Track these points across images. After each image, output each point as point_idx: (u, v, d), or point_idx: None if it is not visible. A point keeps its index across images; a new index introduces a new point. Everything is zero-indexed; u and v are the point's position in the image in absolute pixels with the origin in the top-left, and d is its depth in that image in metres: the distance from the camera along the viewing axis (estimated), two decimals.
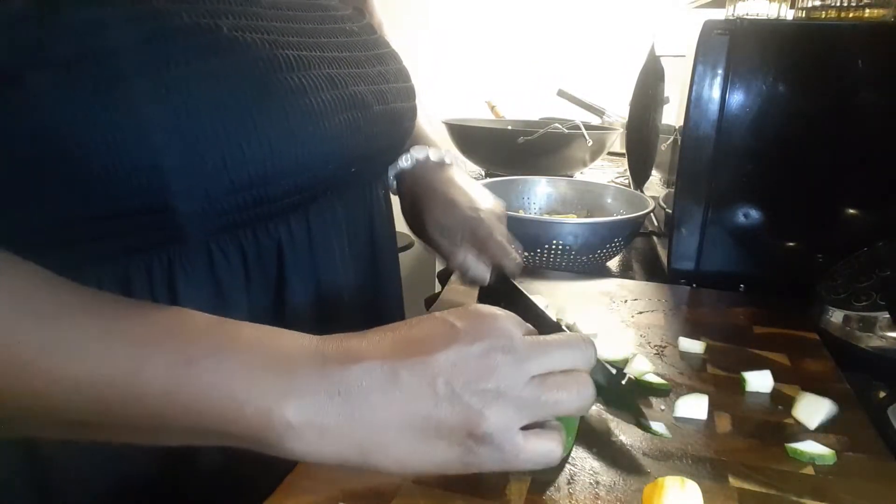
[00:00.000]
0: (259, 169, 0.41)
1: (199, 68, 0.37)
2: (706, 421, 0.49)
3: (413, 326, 0.37)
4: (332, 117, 0.45)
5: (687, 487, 0.39)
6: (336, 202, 0.53)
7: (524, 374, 0.35)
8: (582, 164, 1.41)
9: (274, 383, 0.34)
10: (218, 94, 0.38)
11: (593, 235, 0.82)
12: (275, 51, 0.42)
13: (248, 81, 0.40)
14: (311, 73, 0.44)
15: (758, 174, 0.75)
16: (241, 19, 0.42)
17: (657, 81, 0.98)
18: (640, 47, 1.06)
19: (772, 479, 0.42)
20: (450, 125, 1.42)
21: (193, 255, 0.43)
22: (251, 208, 0.43)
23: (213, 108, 0.38)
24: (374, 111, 0.51)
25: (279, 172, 0.42)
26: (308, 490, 0.40)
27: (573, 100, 1.59)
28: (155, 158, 0.36)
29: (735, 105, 0.72)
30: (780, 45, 0.71)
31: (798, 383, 0.55)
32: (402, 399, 0.34)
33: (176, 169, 0.37)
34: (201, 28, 0.38)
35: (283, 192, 0.44)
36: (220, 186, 0.40)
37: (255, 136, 0.40)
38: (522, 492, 0.40)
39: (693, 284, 0.80)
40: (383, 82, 0.54)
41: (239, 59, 0.40)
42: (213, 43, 0.39)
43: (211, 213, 0.40)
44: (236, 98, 0.39)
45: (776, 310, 0.70)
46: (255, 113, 0.40)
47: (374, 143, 0.53)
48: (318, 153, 0.45)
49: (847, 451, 0.46)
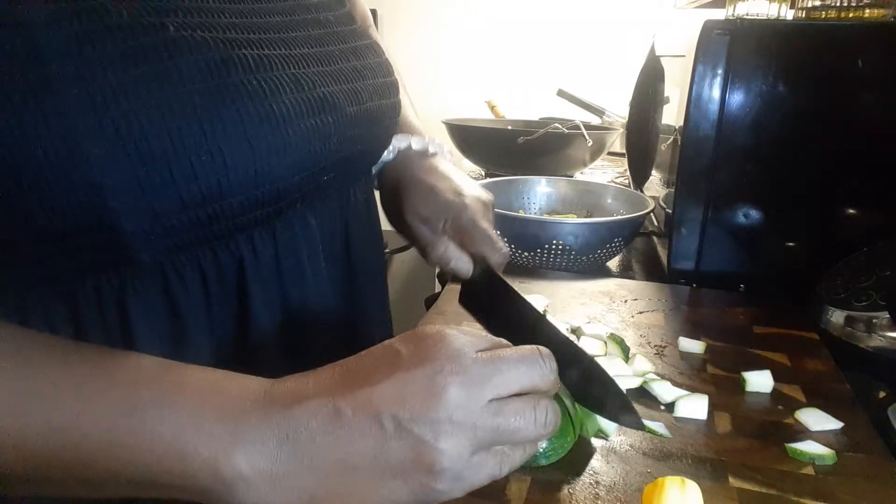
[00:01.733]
0: (212, 184, 0.37)
1: (140, 73, 0.33)
2: (706, 421, 0.49)
3: (360, 357, 0.35)
4: (297, 123, 0.41)
5: (687, 487, 0.39)
6: (307, 214, 0.48)
7: (477, 399, 0.32)
8: (582, 164, 1.41)
9: (221, 432, 0.32)
10: (162, 102, 0.34)
11: (593, 235, 0.82)
12: (230, 51, 0.38)
13: (197, 87, 0.35)
14: (273, 74, 0.40)
15: (758, 174, 0.75)
16: (191, 16, 0.37)
17: (657, 81, 0.98)
18: (640, 47, 1.06)
19: (772, 479, 0.42)
20: (450, 125, 1.42)
21: (146, 276, 0.39)
22: (206, 226, 0.39)
23: (158, 119, 0.34)
24: (348, 113, 0.46)
25: (236, 186, 0.38)
26: None
27: (573, 100, 1.59)
28: (92, 176, 0.33)
29: (735, 105, 0.72)
30: (780, 45, 0.71)
31: (798, 383, 0.55)
32: (349, 439, 0.32)
33: (117, 186, 0.33)
34: (143, 27, 0.34)
35: (242, 207, 0.40)
36: (169, 204, 0.36)
37: (205, 148, 0.36)
38: (522, 492, 0.40)
39: (693, 284, 0.80)
40: (358, 79, 0.49)
41: (187, 61, 0.35)
42: (156, 44, 0.34)
43: (160, 232, 0.37)
44: (184, 106, 0.35)
45: (776, 310, 0.70)
46: (206, 122, 0.36)
47: (350, 147, 0.48)
48: (281, 163, 0.41)
49: (847, 451, 0.46)
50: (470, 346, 0.34)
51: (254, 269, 0.44)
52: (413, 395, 0.32)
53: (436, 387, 0.32)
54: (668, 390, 0.53)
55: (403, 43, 2.12)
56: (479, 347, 0.35)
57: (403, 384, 0.32)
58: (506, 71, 2.10)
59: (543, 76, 1.99)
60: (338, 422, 0.32)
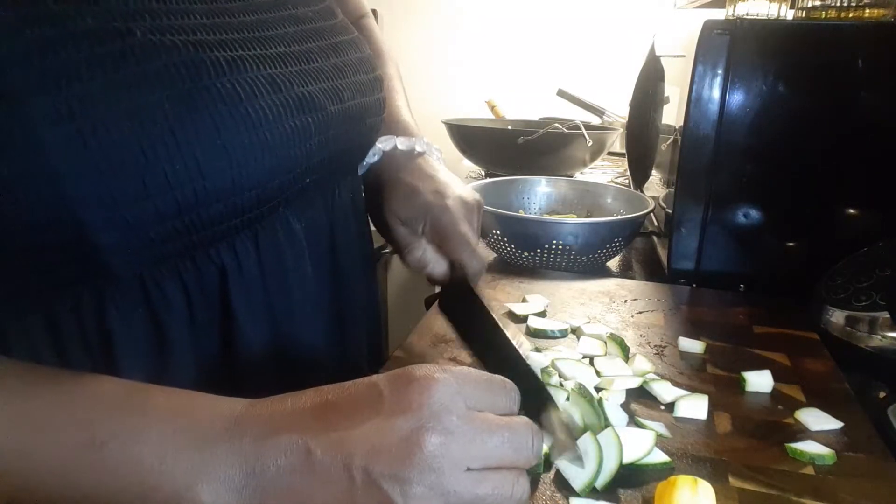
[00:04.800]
0: (188, 193, 0.35)
1: (106, 81, 0.32)
2: (706, 421, 0.49)
3: (343, 390, 0.33)
4: (275, 125, 0.39)
5: (699, 487, 0.39)
6: (291, 218, 0.47)
7: (456, 465, 0.30)
8: (582, 164, 1.41)
9: (186, 464, 0.30)
10: (132, 111, 0.33)
11: (593, 235, 0.82)
12: (201, 54, 0.36)
13: (167, 92, 0.34)
14: (247, 75, 0.38)
15: (758, 174, 0.75)
16: (160, 19, 0.36)
17: (657, 81, 0.98)
18: (640, 47, 1.06)
19: (772, 479, 0.42)
20: (450, 125, 1.42)
21: (126, 290, 0.38)
22: (184, 236, 0.37)
23: (127, 128, 0.33)
24: (329, 112, 0.45)
25: (213, 194, 0.37)
26: None
27: (573, 100, 1.59)
28: (61, 189, 0.31)
29: (735, 105, 0.72)
30: (780, 45, 0.71)
31: (798, 383, 0.55)
32: (316, 483, 0.30)
33: (87, 199, 0.32)
34: (109, 33, 0.33)
35: (221, 215, 0.39)
36: (144, 216, 0.34)
37: (179, 156, 0.34)
38: None
39: (693, 284, 0.80)
40: (339, 77, 0.47)
41: (156, 66, 0.34)
42: (123, 50, 0.33)
43: (137, 244, 0.35)
44: (154, 113, 0.33)
45: (776, 310, 0.70)
46: (178, 129, 0.34)
47: (332, 147, 0.47)
48: (260, 168, 0.39)
49: (847, 451, 0.46)
50: (460, 400, 0.32)
51: (237, 278, 0.42)
52: (388, 448, 0.30)
53: (413, 443, 0.30)
54: (668, 390, 0.53)
55: (403, 43, 2.12)
56: (470, 403, 0.32)
57: (381, 433, 0.30)
58: (506, 71, 2.10)
59: (543, 76, 1.99)
60: (307, 463, 0.30)
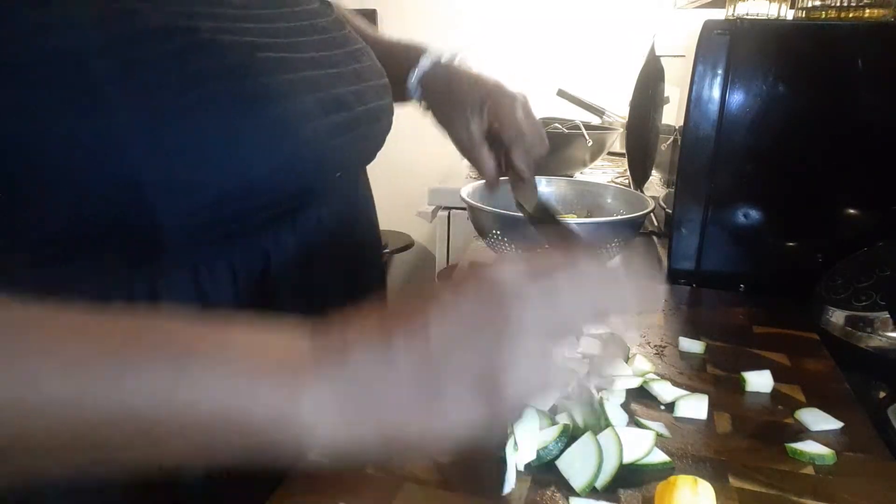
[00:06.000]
0: (244, 179, 0.39)
1: (176, 74, 0.35)
2: (706, 421, 0.49)
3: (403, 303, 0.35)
4: (316, 122, 0.43)
5: (699, 487, 0.39)
6: (322, 209, 0.50)
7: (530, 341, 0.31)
8: (582, 164, 1.41)
9: (280, 388, 0.31)
10: (198, 102, 0.36)
11: (593, 235, 0.82)
12: (255, 53, 0.39)
13: (229, 86, 0.37)
14: (293, 76, 0.42)
15: (758, 174, 0.75)
16: (219, 21, 0.39)
17: (657, 81, 0.98)
18: (640, 47, 1.06)
19: (772, 479, 0.42)
20: None
21: (178, 270, 0.40)
22: (237, 220, 0.41)
23: (194, 117, 0.36)
24: (356, 112, 0.48)
25: (265, 182, 0.40)
26: (308, 490, 0.40)
27: (573, 100, 1.59)
28: (133, 174, 0.34)
29: (735, 105, 0.72)
30: (780, 45, 0.71)
31: (798, 383, 0.55)
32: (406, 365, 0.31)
33: (156, 184, 0.35)
34: (178, 29, 0.36)
35: (271, 201, 0.42)
36: (204, 199, 0.37)
37: (238, 145, 0.37)
38: (522, 492, 0.40)
39: (693, 284, 0.80)
40: (361, 81, 0.51)
41: (219, 62, 0.37)
42: (189, 46, 0.36)
43: (195, 227, 0.38)
44: (218, 105, 0.37)
45: (776, 310, 0.70)
46: (239, 120, 0.37)
47: (357, 145, 0.51)
48: (305, 159, 0.43)
49: (847, 451, 0.46)
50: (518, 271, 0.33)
51: (279, 263, 0.45)
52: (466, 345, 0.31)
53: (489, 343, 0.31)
54: (668, 390, 0.53)
55: None
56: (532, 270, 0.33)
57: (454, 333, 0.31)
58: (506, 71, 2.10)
59: (543, 76, 1.99)
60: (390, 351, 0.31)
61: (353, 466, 0.42)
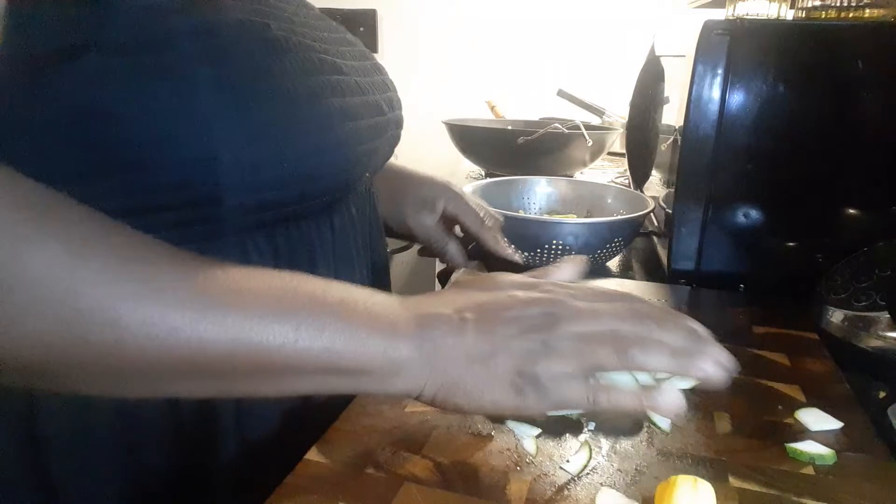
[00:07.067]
0: (304, 167, 0.43)
1: (256, 64, 0.39)
2: (706, 421, 0.49)
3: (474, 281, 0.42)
4: (363, 121, 0.48)
5: (699, 487, 0.39)
6: (352, 205, 0.55)
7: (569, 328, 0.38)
8: (582, 164, 1.41)
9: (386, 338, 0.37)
10: (274, 91, 0.40)
11: (593, 235, 0.82)
12: (319, 52, 0.44)
13: (299, 80, 0.41)
14: (345, 78, 0.47)
15: (758, 174, 0.75)
16: (286, 22, 0.43)
17: (657, 81, 0.98)
18: (640, 47, 1.06)
19: (772, 479, 0.42)
20: (450, 125, 1.42)
21: (228, 250, 0.43)
22: (290, 205, 0.44)
23: (269, 104, 0.39)
24: (388, 117, 0.54)
25: (320, 171, 0.45)
26: (308, 490, 0.40)
27: (573, 100, 1.59)
28: (213, 151, 0.37)
29: (735, 105, 0.72)
30: (780, 45, 0.71)
31: (798, 383, 0.55)
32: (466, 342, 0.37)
33: (232, 162, 0.38)
34: (254, 25, 0.40)
35: (321, 191, 0.47)
36: (267, 182, 0.41)
37: (303, 135, 0.42)
38: (522, 492, 0.40)
39: (693, 284, 0.80)
40: (387, 90, 0.57)
41: (291, 57, 0.41)
42: (266, 41, 0.40)
43: (252, 207, 0.42)
44: (290, 95, 0.41)
45: (776, 310, 0.70)
46: (307, 111, 0.42)
47: (384, 148, 0.56)
48: (352, 154, 0.48)
49: (847, 451, 0.46)
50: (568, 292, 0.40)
51: (320, 250, 0.50)
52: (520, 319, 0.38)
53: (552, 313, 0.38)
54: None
55: (403, 43, 2.12)
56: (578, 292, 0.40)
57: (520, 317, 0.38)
58: (506, 71, 2.10)
59: (543, 76, 1.99)
60: (462, 326, 0.38)
61: (352, 466, 0.42)
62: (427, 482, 0.41)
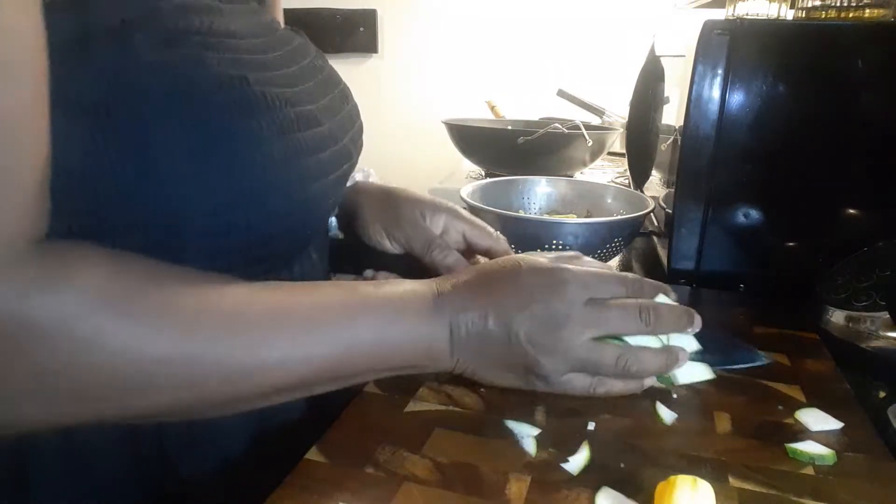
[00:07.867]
0: (276, 227, 0.43)
1: (232, 127, 0.38)
2: (706, 421, 0.49)
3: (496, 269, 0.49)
4: (330, 174, 0.48)
5: (699, 486, 0.38)
6: (312, 250, 0.55)
7: (580, 337, 0.46)
8: (582, 164, 1.41)
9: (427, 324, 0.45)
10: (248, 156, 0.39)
11: (593, 235, 0.82)
12: (292, 109, 0.42)
13: (275, 142, 0.40)
14: (317, 131, 0.45)
15: (758, 174, 0.75)
16: (259, 72, 0.41)
17: (657, 81, 0.98)
18: (640, 47, 1.06)
19: (772, 479, 0.42)
20: (450, 125, 1.42)
21: None
22: (252, 265, 0.44)
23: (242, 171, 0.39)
24: (352, 162, 0.53)
25: (291, 228, 0.46)
26: (308, 490, 0.40)
27: (573, 100, 1.59)
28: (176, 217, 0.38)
29: (735, 105, 0.72)
30: (780, 45, 0.71)
31: (798, 383, 0.55)
32: (490, 340, 0.46)
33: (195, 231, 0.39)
34: (232, 82, 0.38)
35: (284, 247, 0.48)
36: (231, 245, 0.42)
37: (273, 199, 0.42)
38: (522, 492, 0.40)
39: (693, 284, 0.80)
40: (354, 123, 0.55)
41: (270, 117, 0.40)
42: (244, 99, 0.39)
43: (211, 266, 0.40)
44: (264, 162, 0.40)
45: (776, 310, 0.70)
46: (281, 175, 0.42)
47: (344, 189, 0.56)
48: (320, 211, 0.50)
49: (847, 451, 0.46)
50: (584, 292, 0.47)
51: None
52: (536, 325, 0.46)
53: (552, 323, 0.46)
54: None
55: (403, 43, 2.12)
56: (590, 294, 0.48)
57: (533, 315, 0.46)
58: (506, 71, 2.10)
59: (543, 76, 1.99)
60: (486, 329, 0.46)
61: (352, 466, 0.42)
62: (427, 482, 0.41)
